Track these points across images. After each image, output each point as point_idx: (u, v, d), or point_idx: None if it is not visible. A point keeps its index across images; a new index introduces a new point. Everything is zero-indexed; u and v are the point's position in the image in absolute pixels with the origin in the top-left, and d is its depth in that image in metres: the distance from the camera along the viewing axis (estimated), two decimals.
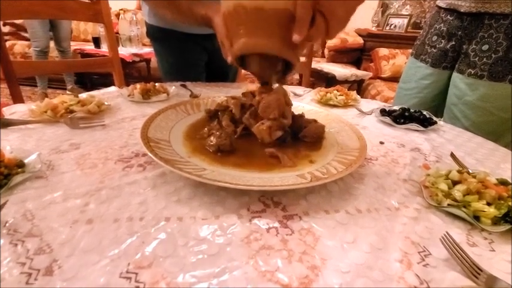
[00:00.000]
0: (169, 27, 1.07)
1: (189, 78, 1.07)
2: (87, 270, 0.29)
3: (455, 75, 0.91)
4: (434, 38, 0.95)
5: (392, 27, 3.15)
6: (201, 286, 0.28)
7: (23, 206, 0.38)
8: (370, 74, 2.90)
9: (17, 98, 1.07)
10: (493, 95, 0.82)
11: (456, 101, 0.90)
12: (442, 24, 0.93)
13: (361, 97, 0.98)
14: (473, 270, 0.32)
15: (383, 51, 2.92)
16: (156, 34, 1.12)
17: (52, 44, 2.89)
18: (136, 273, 0.29)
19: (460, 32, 0.87)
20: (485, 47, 0.81)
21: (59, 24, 2.80)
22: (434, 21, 0.96)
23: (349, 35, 3.13)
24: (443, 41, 0.92)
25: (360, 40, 3.09)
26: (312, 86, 1.92)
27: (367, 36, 3.06)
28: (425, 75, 0.99)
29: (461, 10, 0.85)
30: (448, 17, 0.90)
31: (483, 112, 0.84)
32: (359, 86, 2.92)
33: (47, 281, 0.28)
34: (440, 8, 0.94)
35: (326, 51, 3.22)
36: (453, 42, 0.90)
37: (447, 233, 0.35)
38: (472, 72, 0.84)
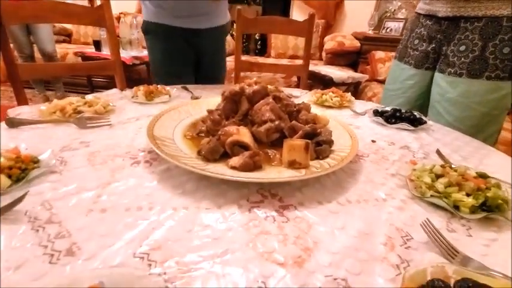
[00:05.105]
0: (160, 22, 1.20)
1: (176, 68, 1.24)
2: (104, 251, 0.32)
3: (437, 75, 0.97)
4: (416, 41, 1.02)
5: (388, 30, 3.20)
6: (205, 264, 0.32)
7: (41, 197, 0.41)
8: (367, 77, 2.95)
9: (22, 101, 1.10)
10: (472, 91, 0.88)
11: (439, 99, 0.96)
12: (422, 29, 1.00)
13: (358, 99, 1.03)
14: (450, 251, 0.36)
15: (379, 54, 2.96)
16: (148, 27, 1.25)
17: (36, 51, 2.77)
18: (148, 254, 0.33)
19: (439, 35, 0.94)
20: (462, 48, 0.88)
21: (35, 28, 2.65)
22: (414, 26, 1.04)
23: (346, 38, 3.18)
24: (424, 44, 0.99)
25: (357, 43, 3.13)
26: (310, 88, 1.95)
27: (364, 39, 3.10)
28: (409, 76, 1.06)
29: (439, 15, 0.92)
30: (428, 22, 0.97)
31: (464, 107, 0.90)
32: (356, 88, 2.96)
33: (69, 260, 0.31)
34: (419, 14, 1.02)
35: (323, 54, 3.27)
36: (433, 45, 0.97)
37: (427, 219, 0.38)
38: (452, 71, 0.91)
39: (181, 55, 1.29)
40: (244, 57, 2.26)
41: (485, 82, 0.85)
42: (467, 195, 0.45)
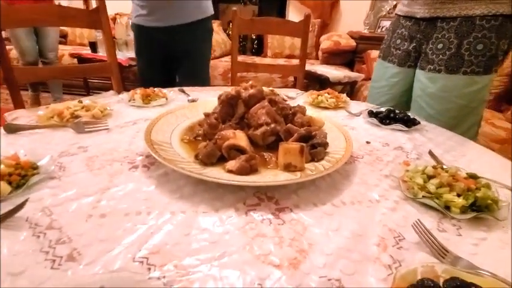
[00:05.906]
0: (136, 22, 1.38)
1: (149, 69, 1.45)
2: (104, 256, 0.33)
3: (418, 72, 1.02)
4: (398, 41, 1.07)
5: (383, 29, 3.22)
6: (203, 267, 0.33)
7: (41, 203, 0.42)
8: (363, 76, 2.97)
9: (18, 104, 1.10)
10: (451, 86, 0.93)
11: (420, 93, 1.01)
12: (403, 29, 1.05)
13: (355, 98, 1.05)
14: (440, 251, 0.37)
15: (375, 53, 2.98)
16: (132, 27, 1.45)
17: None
18: (148, 258, 0.33)
19: (418, 35, 0.99)
20: (440, 46, 0.93)
21: (44, 32, 2.57)
22: (396, 27, 1.09)
23: (342, 37, 3.20)
24: (405, 43, 1.04)
25: (353, 42, 3.15)
26: (306, 87, 1.96)
27: (360, 38, 3.12)
28: (393, 74, 1.10)
29: (418, 16, 0.97)
30: (407, 22, 1.02)
31: (443, 101, 0.95)
32: (352, 88, 2.98)
33: (70, 266, 0.32)
34: (399, 15, 1.07)
35: (320, 54, 3.29)
36: (414, 44, 1.02)
37: (418, 219, 0.40)
38: (432, 67, 0.96)
39: (151, 55, 1.40)
40: (241, 57, 2.26)
41: (462, 77, 0.91)
42: (458, 195, 0.46)
